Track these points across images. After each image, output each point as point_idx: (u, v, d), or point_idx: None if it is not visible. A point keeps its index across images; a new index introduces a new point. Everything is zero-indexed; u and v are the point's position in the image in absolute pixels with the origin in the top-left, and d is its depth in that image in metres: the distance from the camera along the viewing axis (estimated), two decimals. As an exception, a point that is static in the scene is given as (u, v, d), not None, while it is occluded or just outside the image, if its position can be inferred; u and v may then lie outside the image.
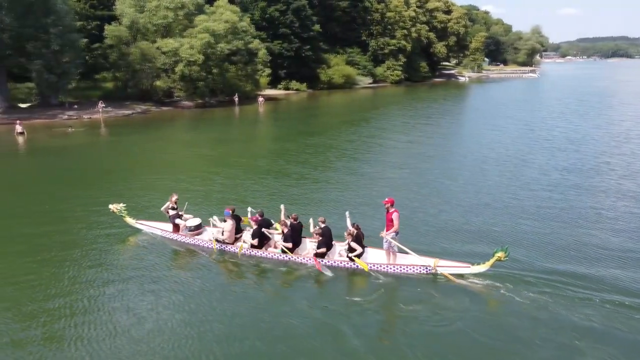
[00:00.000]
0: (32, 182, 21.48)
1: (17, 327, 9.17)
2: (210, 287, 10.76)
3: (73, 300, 10.07)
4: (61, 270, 11.56)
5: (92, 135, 35.70)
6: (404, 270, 11.25)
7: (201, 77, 50.88)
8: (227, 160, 25.05)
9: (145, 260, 12.26)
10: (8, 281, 11.01)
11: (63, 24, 42.61)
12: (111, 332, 8.92)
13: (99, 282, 10.90)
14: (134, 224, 14.15)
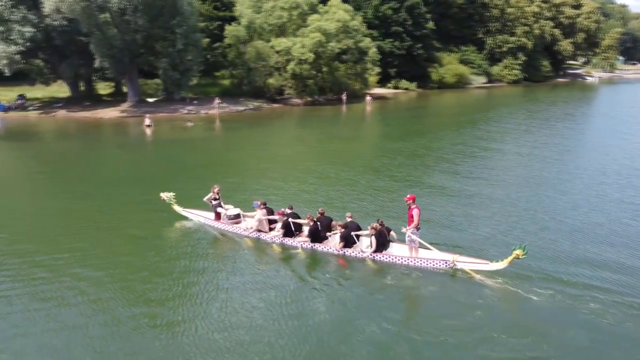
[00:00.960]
0: (157, 170, 23.33)
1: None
2: (241, 267, 12.14)
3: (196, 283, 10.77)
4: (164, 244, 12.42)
5: (208, 129, 38.01)
6: (425, 264, 11.78)
7: (311, 76, 51.94)
8: (324, 159, 25.22)
9: (192, 244, 13.68)
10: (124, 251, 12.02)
11: (188, 25, 45.77)
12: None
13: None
14: (181, 211, 15.43)
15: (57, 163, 26.63)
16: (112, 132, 38.33)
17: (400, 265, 11.93)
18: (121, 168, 24.75)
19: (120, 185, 18.19)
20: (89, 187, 17.64)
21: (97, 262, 12.18)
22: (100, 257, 12.48)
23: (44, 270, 11.78)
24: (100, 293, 10.62)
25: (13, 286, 11.01)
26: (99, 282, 11.19)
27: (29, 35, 43.76)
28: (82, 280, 11.21)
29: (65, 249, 13.04)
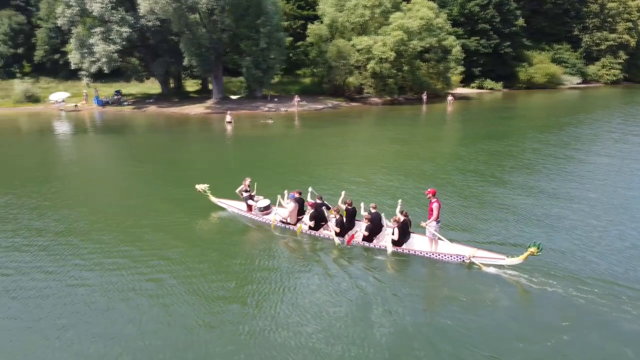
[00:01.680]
0: (233, 164, 24.03)
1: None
2: (267, 255, 12.77)
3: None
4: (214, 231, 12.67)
5: (286, 127, 38.60)
6: (443, 257, 12.11)
7: (391, 74, 51.19)
8: (398, 159, 24.60)
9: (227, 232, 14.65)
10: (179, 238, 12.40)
11: (271, 24, 46.78)
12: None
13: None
14: (216, 202, 16.20)
15: (146, 154, 28.20)
16: (196, 128, 40.00)
17: (420, 257, 12.32)
18: (201, 161, 25.70)
19: (202, 177, 18.83)
20: (170, 178, 18.41)
21: (168, 251, 12.63)
22: (172, 246, 12.94)
23: (124, 257, 12.40)
24: (174, 282, 10.98)
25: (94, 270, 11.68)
26: (173, 272, 11.58)
27: (126, 35, 46.81)
28: (161, 269, 11.67)
29: (143, 237, 13.69)
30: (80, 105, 53.47)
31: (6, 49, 62.61)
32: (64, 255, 12.64)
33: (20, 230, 14.59)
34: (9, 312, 9.83)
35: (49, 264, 12.09)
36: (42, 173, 22.82)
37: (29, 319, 9.52)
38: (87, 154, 29.84)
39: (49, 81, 62.48)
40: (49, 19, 58.57)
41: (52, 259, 12.36)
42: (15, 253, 12.87)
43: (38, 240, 13.67)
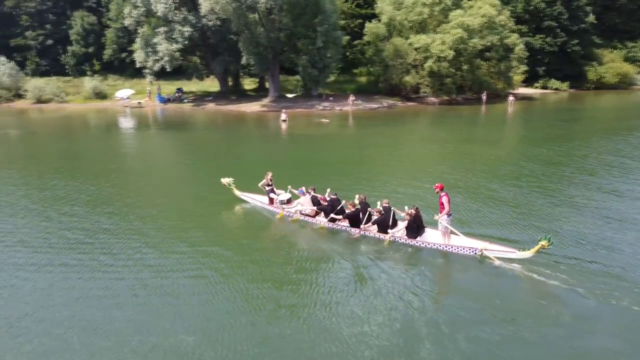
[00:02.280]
0: (284, 162, 24.17)
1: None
2: (286, 243, 13.68)
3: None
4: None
5: (340, 126, 38.49)
6: (455, 250, 12.35)
7: (449, 74, 49.94)
8: (452, 161, 23.65)
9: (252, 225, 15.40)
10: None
11: (329, 23, 46.80)
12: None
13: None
14: (240, 195, 16.95)
15: (202, 150, 28.94)
16: (251, 125, 40.67)
17: (433, 250, 12.60)
18: (254, 158, 26.02)
19: (252, 173, 19.04)
20: (225, 171, 18.68)
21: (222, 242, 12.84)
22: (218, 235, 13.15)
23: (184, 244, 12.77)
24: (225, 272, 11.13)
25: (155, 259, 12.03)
26: (225, 259, 11.77)
27: (188, 34, 48.31)
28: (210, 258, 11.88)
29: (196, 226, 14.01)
30: (144, 102, 55.77)
31: (78, 48, 66.34)
32: (107, 246, 13.10)
33: (73, 220, 15.27)
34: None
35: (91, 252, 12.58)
36: (103, 166, 23.87)
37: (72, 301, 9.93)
38: (148, 149, 30.97)
39: (116, 79, 65.66)
40: (117, 20, 61.46)
41: (91, 249, 12.85)
42: (61, 248, 13.46)
43: (93, 228, 14.26)
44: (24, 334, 9.01)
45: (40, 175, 22.16)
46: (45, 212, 16.24)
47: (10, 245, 13.26)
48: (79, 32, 65.94)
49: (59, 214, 15.90)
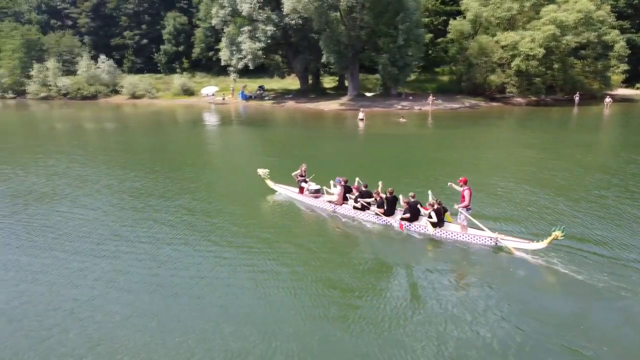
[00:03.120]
0: (359, 161, 23.96)
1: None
2: (319, 230, 14.54)
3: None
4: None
5: (418, 126, 37.58)
6: (473, 240, 12.98)
7: (539, 73, 47.15)
8: (529, 166, 22.01)
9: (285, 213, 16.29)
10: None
11: (411, 20, 45.85)
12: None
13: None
14: (273, 185, 18.00)
15: (281, 146, 29.45)
16: (329, 123, 40.81)
17: (452, 240, 13.21)
18: (329, 155, 26.03)
19: (325, 170, 19.05)
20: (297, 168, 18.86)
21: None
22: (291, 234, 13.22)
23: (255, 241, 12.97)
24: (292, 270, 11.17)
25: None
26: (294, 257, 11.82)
27: (271, 33, 49.40)
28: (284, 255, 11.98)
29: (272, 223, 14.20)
30: (227, 98, 57.82)
31: (170, 47, 70.06)
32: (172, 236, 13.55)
33: (148, 208, 15.99)
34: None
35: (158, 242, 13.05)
36: (182, 159, 24.93)
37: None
38: (227, 145, 31.99)
39: (202, 76, 68.66)
40: (206, 20, 64.12)
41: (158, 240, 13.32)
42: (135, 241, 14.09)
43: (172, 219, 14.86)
44: (88, 317, 9.47)
45: (124, 166, 23.57)
46: (120, 203, 17.17)
47: (76, 233, 14.09)
48: (170, 31, 69.59)
49: (132, 205, 16.75)
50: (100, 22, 74.30)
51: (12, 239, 13.74)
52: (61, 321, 9.35)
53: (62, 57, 67.84)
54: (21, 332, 9.06)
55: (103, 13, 73.71)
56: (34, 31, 70.73)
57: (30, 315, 9.58)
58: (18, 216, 15.83)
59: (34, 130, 41.09)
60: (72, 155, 26.74)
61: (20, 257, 12.43)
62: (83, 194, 18.34)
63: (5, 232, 14.33)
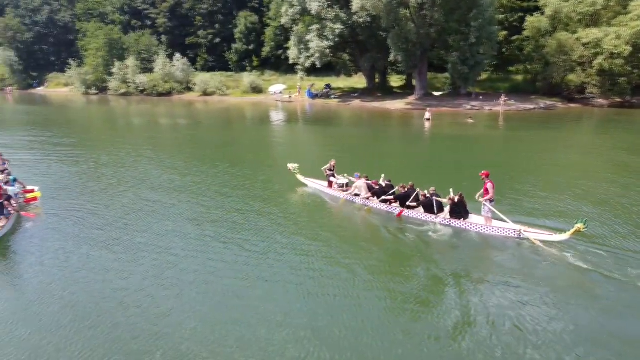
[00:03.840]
0: (422, 162, 23.30)
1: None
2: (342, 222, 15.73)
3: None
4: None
5: (488, 127, 36.10)
6: (496, 232, 13.29)
7: (624, 72, 43.76)
8: (605, 176, 20.43)
9: (313, 205, 17.23)
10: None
11: (484, 17, 44.09)
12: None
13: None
14: (303, 180, 18.97)
15: (345, 145, 29.20)
16: (394, 123, 40.14)
17: (475, 232, 13.64)
18: (392, 155, 25.53)
19: (387, 168, 18.71)
20: (360, 167, 18.60)
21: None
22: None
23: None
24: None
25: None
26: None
27: (338, 31, 49.27)
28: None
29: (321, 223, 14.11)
30: (294, 96, 58.40)
31: (241, 45, 71.73)
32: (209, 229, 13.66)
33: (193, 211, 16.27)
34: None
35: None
36: (245, 154, 25.34)
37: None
38: (292, 142, 32.21)
39: (271, 74, 69.77)
40: (276, 19, 65.04)
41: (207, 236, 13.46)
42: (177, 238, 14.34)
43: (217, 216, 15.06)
44: (136, 306, 9.75)
45: (187, 160, 24.35)
46: (180, 196, 17.64)
47: (132, 225, 14.61)
48: (242, 30, 71.23)
49: (190, 200, 17.17)
50: (177, 22, 77.37)
51: (74, 229, 14.53)
52: (112, 309, 9.73)
53: (140, 55, 71.37)
54: (83, 320, 9.46)
55: (179, 13, 76.72)
56: (116, 31, 74.88)
57: (86, 302, 10.05)
58: (85, 205, 16.75)
59: (113, 124, 43.53)
60: (142, 148, 28.01)
61: (80, 247, 13.07)
62: (146, 187, 19.11)
63: (69, 221, 15.22)
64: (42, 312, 9.79)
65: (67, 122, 44.31)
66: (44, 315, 9.66)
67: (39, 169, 22.80)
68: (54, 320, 9.45)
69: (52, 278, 11.24)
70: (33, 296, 10.46)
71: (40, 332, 9.10)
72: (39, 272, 11.65)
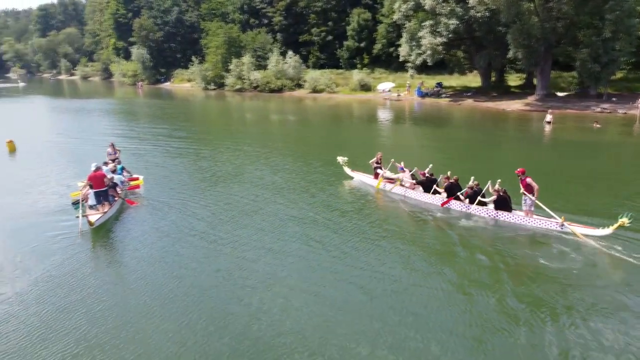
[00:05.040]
0: (536, 169, 21.02)
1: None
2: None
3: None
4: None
5: (619, 133, 31.99)
6: (538, 225, 13.73)
7: None
8: None
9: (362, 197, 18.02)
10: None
11: (622, 9, 39.15)
12: None
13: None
14: (350, 172, 19.84)
15: (452, 148, 27.58)
16: (510, 125, 37.23)
17: (518, 226, 13.92)
18: (502, 161, 23.37)
19: (498, 175, 17.14)
20: (465, 173, 17.27)
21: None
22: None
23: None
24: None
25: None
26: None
27: (453, 27, 46.84)
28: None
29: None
30: (403, 95, 56.82)
31: (352, 43, 71.45)
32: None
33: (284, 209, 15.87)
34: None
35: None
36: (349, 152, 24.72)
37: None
38: (397, 142, 31.05)
39: (381, 72, 68.64)
40: (388, 15, 63.75)
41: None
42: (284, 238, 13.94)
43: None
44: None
45: (286, 155, 24.28)
46: (280, 193, 17.45)
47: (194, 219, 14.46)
48: (354, 28, 70.88)
49: (270, 200, 16.89)
50: (292, 20, 79.16)
51: (171, 217, 14.91)
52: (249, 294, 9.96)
53: (256, 53, 74.03)
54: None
55: (294, 11, 78.41)
56: (235, 29, 78.40)
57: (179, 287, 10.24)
58: (183, 196, 17.31)
59: (225, 118, 45.53)
60: (247, 143, 28.74)
61: (177, 237, 13.36)
62: (245, 181, 19.43)
63: (166, 210, 15.85)
64: (137, 297, 10.38)
65: (184, 115, 47.12)
66: (134, 298, 10.29)
67: (145, 158, 24.29)
68: (140, 305, 10.00)
69: (149, 266, 11.92)
70: (131, 279, 11.28)
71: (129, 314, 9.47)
72: (136, 257, 12.50)
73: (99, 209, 15.39)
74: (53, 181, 20.36)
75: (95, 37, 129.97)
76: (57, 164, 23.97)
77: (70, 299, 10.20)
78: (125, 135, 32.64)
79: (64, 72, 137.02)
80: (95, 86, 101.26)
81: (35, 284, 10.94)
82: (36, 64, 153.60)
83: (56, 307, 9.89)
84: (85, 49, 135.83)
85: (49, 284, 10.94)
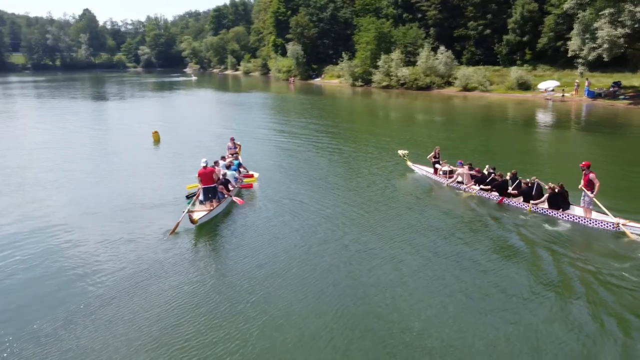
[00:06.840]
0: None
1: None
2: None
3: None
4: None
5: None
6: (595, 224, 13.54)
7: None
8: None
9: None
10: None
11: None
12: None
13: None
14: (411, 166, 20.39)
15: (631, 164, 22.56)
16: None
17: (576, 223, 13.76)
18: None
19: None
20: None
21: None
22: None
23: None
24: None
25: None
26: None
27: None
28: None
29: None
30: (569, 95, 49.80)
31: (513, 37, 64.99)
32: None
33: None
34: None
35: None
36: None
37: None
38: (555, 154, 26.54)
39: (545, 69, 61.34)
40: (559, 5, 56.41)
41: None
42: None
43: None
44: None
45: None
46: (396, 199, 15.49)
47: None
48: (517, 20, 64.32)
49: (396, 212, 14.73)
50: (447, 13, 74.69)
51: (282, 219, 14.42)
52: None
53: (406, 48, 71.41)
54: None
55: (451, 4, 73.86)
56: (387, 25, 76.56)
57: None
58: (296, 196, 16.41)
59: (365, 116, 44.15)
60: (380, 144, 26.77)
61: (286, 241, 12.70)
62: (358, 187, 17.63)
63: (278, 210, 15.35)
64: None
65: (327, 112, 46.67)
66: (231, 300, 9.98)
67: (265, 154, 23.77)
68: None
69: (249, 270, 11.34)
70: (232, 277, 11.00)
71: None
72: (236, 260, 11.96)
73: (207, 205, 14.90)
74: (181, 173, 20.63)
75: (259, 34, 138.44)
76: (194, 156, 24.55)
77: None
78: (265, 127, 33.05)
79: (230, 68, 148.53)
80: (254, 81, 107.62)
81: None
82: (208, 60, 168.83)
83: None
84: (250, 46, 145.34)
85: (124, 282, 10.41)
